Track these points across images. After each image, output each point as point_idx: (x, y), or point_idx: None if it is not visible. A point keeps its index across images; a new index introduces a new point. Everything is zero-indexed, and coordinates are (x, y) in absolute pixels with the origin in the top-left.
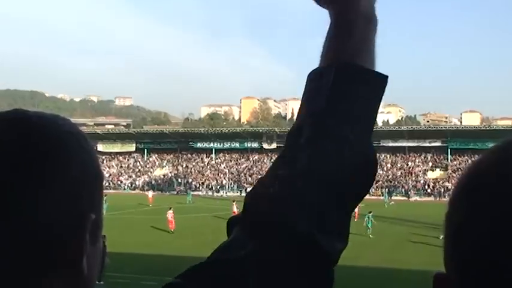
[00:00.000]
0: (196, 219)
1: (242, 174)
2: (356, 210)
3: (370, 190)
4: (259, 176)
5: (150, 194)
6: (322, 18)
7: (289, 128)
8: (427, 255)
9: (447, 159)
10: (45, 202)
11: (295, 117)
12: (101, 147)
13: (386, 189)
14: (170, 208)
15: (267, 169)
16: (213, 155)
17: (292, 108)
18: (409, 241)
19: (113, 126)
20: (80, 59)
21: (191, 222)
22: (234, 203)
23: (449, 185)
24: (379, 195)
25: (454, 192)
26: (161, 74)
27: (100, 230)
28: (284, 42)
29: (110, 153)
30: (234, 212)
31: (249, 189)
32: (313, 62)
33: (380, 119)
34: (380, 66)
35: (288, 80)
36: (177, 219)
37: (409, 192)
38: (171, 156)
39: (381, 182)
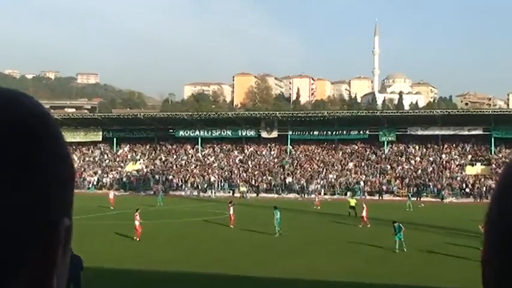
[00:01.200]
0: (166, 225)
1: (235, 170)
2: (364, 213)
3: (395, 189)
4: (257, 172)
5: (112, 194)
6: None
7: (294, 113)
8: (462, 270)
9: (490, 151)
10: (8, 206)
11: (301, 99)
12: None
13: (414, 189)
14: (137, 210)
15: (266, 163)
16: (199, 146)
17: (297, 87)
18: (441, 253)
19: (74, 110)
20: (33, 26)
21: (159, 229)
22: (231, 206)
23: (493, 183)
24: (405, 195)
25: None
26: (135, 45)
27: (71, 239)
28: (288, 3)
29: (70, 144)
30: (231, 217)
31: (243, 189)
32: (323, 29)
33: (406, 101)
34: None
35: (293, 51)
36: (145, 226)
37: (443, 192)
38: (147, 147)
39: (408, 180)
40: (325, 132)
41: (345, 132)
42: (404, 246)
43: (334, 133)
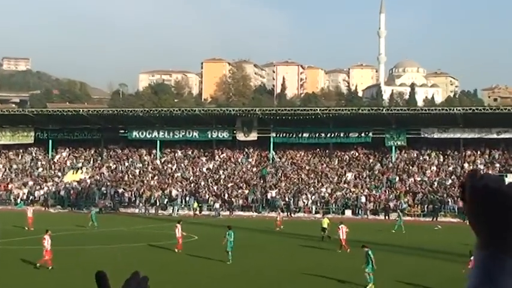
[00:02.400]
0: (90, 253)
1: (203, 182)
2: (343, 235)
3: (405, 207)
4: (231, 185)
5: (30, 211)
6: None
7: (278, 110)
8: None
9: None
10: None
11: (287, 92)
12: None
13: (429, 206)
14: (47, 232)
15: (242, 173)
16: (157, 151)
17: (283, 77)
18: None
19: None
20: None
21: (74, 257)
22: (179, 225)
23: None
24: (418, 215)
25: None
26: (76, 24)
27: None
28: None
29: None
30: (179, 239)
31: (217, 205)
32: (316, 4)
33: (420, 95)
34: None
35: (278, 32)
36: (60, 252)
37: None
38: (91, 152)
39: (421, 195)
40: (317, 135)
41: (342, 135)
42: (370, 281)
43: (328, 135)
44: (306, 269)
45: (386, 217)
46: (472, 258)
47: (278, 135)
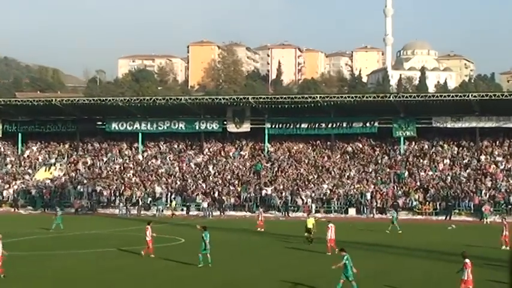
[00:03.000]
0: (44, 260)
1: (190, 178)
2: (331, 235)
3: (415, 204)
4: (221, 182)
5: None
6: None
7: (274, 97)
8: None
9: None
10: None
11: (284, 78)
12: None
13: (443, 203)
14: None
15: (234, 168)
16: (139, 145)
17: (278, 62)
18: None
19: None
20: None
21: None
22: (149, 227)
23: None
24: (430, 213)
25: None
26: (47, 4)
27: None
28: None
29: None
30: (149, 243)
31: (204, 205)
32: None
33: (431, 80)
34: None
35: (273, 12)
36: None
37: (482, 209)
38: (66, 146)
39: (433, 191)
40: (317, 125)
41: (344, 125)
42: None
43: (329, 126)
44: (298, 278)
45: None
46: (466, 261)
47: (273, 126)
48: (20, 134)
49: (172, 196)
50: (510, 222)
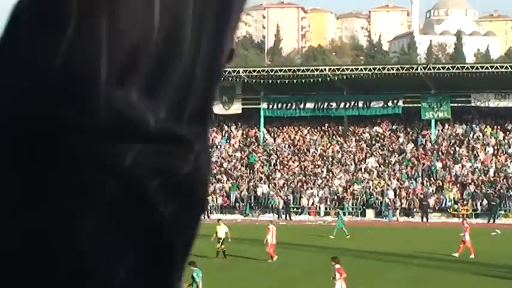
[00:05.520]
0: None
1: None
2: (273, 238)
3: (450, 204)
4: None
5: None
6: None
7: (271, 70)
8: None
9: None
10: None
11: (283, 46)
12: None
13: (485, 203)
14: None
15: (221, 160)
16: None
17: (277, 25)
18: None
19: None
20: None
21: None
22: None
23: None
24: (468, 215)
25: None
26: None
27: None
28: None
29: None
30: None
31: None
32: None
33: (469, 48)
34: None
35: None
36: None
37: None
38: None
39: (472, 187)
40: (325, 105)
41: (361, 105)
42: None
43: (342, 106)
44: None
45: (425, 218)
46: (337, 266)
47: (271, 106)
48: None
49: None
50: None
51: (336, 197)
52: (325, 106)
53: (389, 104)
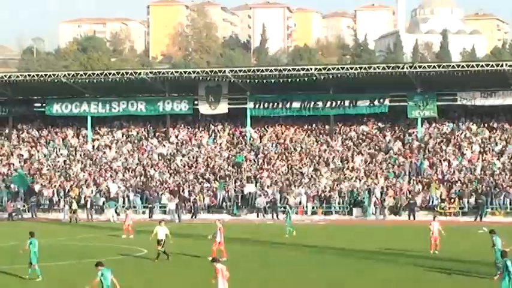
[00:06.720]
0: None
1: (154, 173)
2: (220, 237)
3: (437, 202)
4: (193, 177)
5: None
6: None
7: (257, 70)
8: None
9: None
10: None
11: (269, 46)
12: None
13: (472, 200)
14: None
15: (208, 160)
16: (88, 131)
17: (263, 25)
18: None
19: None
20: None
21: None
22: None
23: None
24: (455, 213)
25: None
26: None
27: None
28: None
29: None
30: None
31: (172, 206)
32: None
33: (455, 46)
34: None
35: None
36: None
37: None
38: None
39: (459, 185)
40: (312, 104)
41: (347, 104)
42: None
43: (328, 105)
44: None
45: (411, 217)
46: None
47: (257, 105)
48: None
49: (130, 196)
50: None
51: (322, 196)
52: (311, 105)
53: (376, 102)
